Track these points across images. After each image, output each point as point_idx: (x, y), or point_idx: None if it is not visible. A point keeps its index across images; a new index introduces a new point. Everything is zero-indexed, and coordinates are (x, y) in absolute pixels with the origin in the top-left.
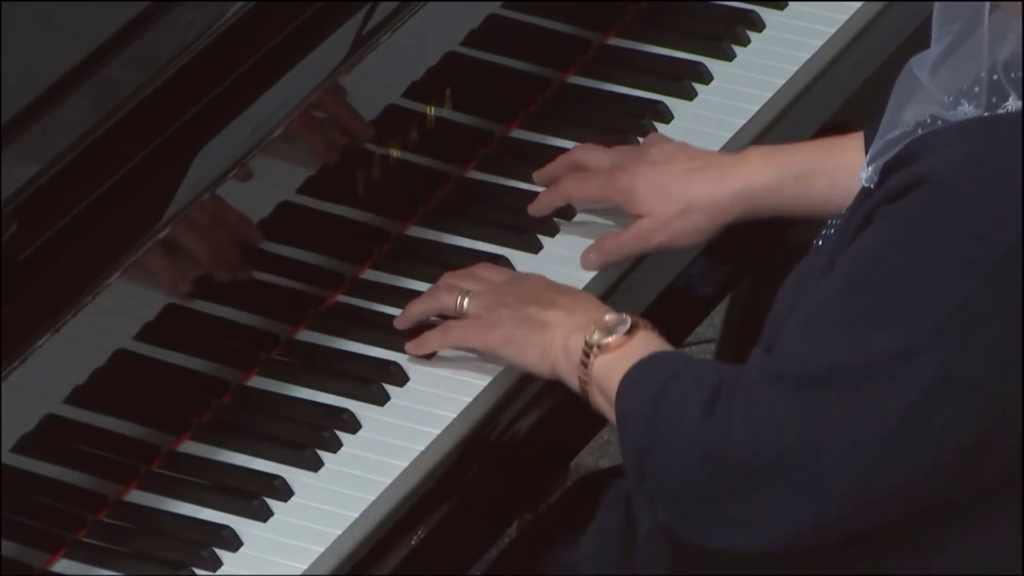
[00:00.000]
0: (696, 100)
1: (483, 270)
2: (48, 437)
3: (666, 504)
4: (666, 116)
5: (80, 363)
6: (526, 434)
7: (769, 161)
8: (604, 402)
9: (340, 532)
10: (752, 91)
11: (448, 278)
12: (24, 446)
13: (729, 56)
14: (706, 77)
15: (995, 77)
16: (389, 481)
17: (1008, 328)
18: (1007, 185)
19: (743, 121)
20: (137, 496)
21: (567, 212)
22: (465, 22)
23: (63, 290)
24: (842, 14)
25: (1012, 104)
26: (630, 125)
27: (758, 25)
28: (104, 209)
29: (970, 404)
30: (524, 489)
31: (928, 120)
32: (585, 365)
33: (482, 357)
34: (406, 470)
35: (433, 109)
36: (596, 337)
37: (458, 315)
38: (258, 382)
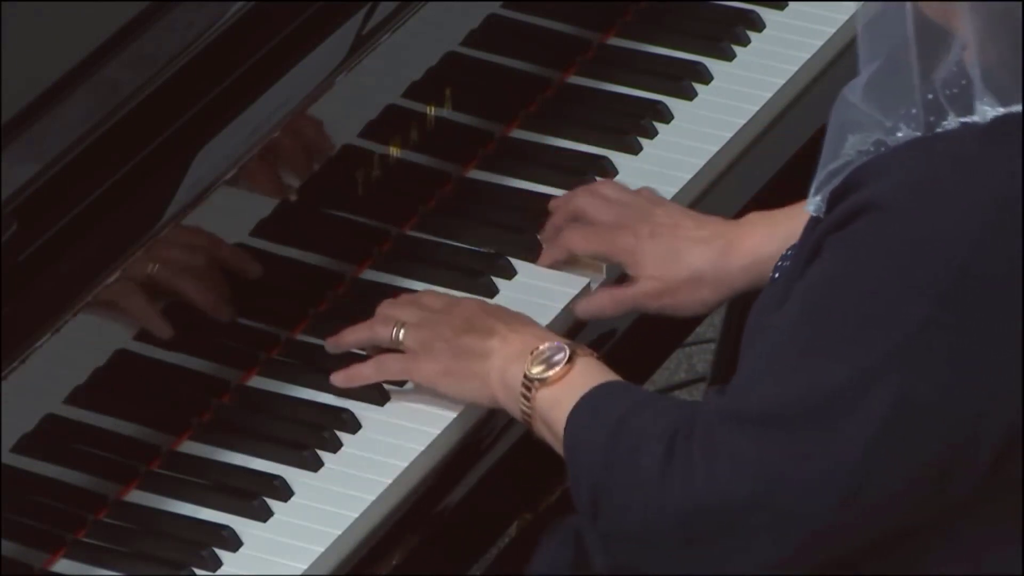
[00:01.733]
0: (696, 100)
1: (421, 297)
2: (48, 437)
3: (624, 545)
4: (666, 116)
5: (80, 363)
6: (525, 434)
7: (772, 230)
8: (550, 435)
9: (340, 532)
10: (752, 91)
11: (385, 308)
12: (24, 446)
13: (729, 56)
14: (706, 77)
15: (930, 96)
16: (389, 481)
17: (963, 347)
18: (951, 205)
19: (743, 121)
20: (137, 496)
21: None
22: (465, 22)
23: (63, 290)
24: (842, 14)
25: (951, 122)
26: (630, 125)
27: (758, 25)
28: (104, 209)
29: (930, 427)
30: (524, 488)
31: (871, 148)
32: (527, 399)
33: None
34: (406, 470)
35: (433, 109)
36: (535, 370)
37: (394, 347)
38: (258, 382)
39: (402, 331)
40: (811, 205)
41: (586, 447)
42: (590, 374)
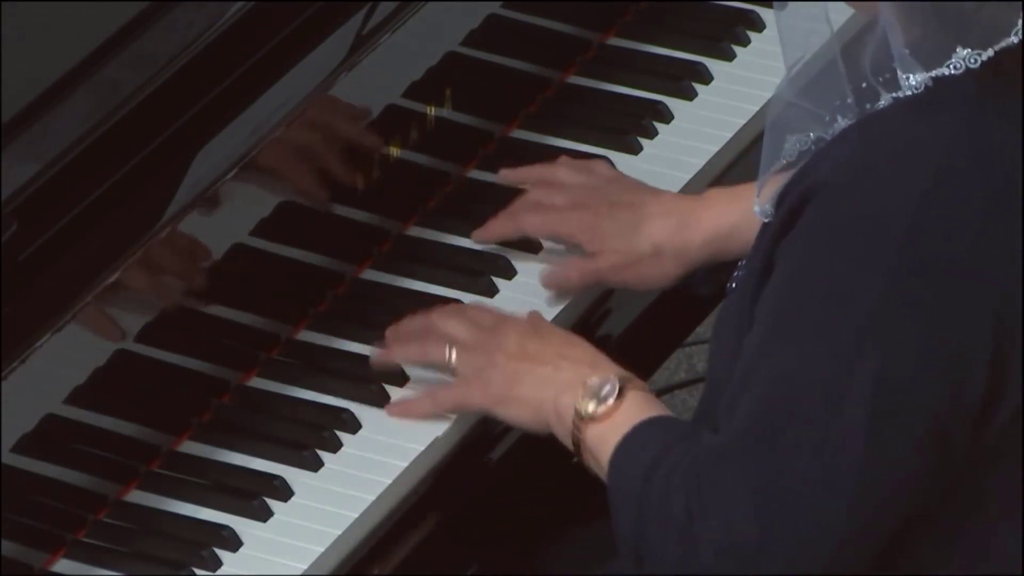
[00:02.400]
0: (696, 100)
1: (469, 311)
2: (48, 437)
3: None
4: (666, 116)
5: (80, 363)
6: (525, 434)
7: (735, 206)
8: (599, 470)
9: (340, 532)
10: (752, 91)
11: (436, 321)
12: (24, 446)
13: (729, 56)
14: (706, 77)
15: (864, 85)
16: (389, 481)
17: (923, 314)
18: (888, 178)
19: (743, 121)
20: (137, 496)
21: None
22: (465, 22)
23: (63, 290)
24: (842, 15)
25: (884, 100)
26: (630, 125)
27: (758, 25)
28: (104, 209)
29: (915, 399)
30: (524, 488)
31: (812, 147)
32: (578, 432)
33: None
34: (406, 470)
35: (433, 109)
36: (586, 407)
37: (445, 368)
38: (258, 382)
39: (455, 355)
40: (757, 208)
41: (624, 495)
42: (638, 410)
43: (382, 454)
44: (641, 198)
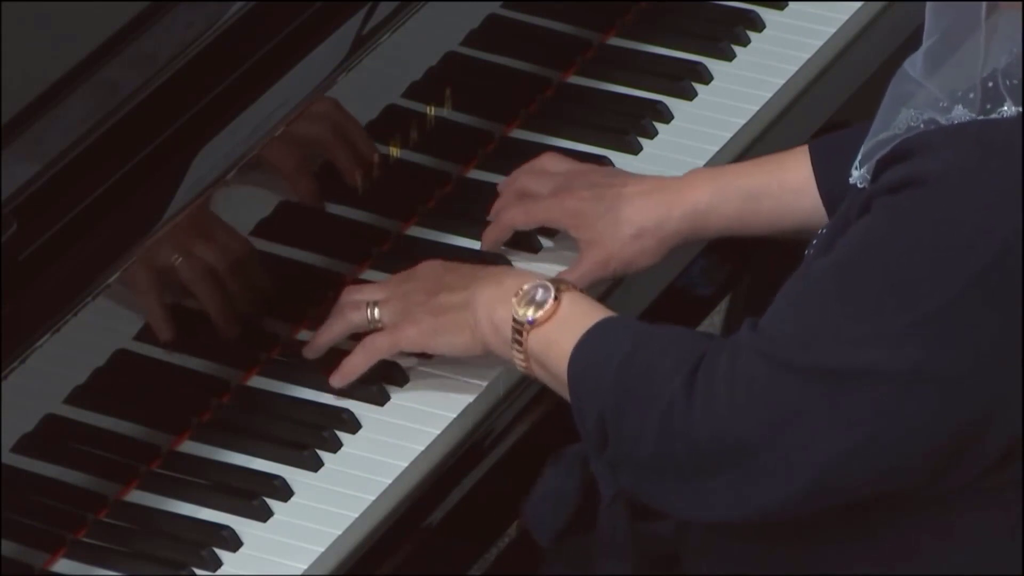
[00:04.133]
0: (696, 100)
1: (378, 280)
2: (48, 437)
3: (630, 471)
4: (666, 116)
5: (80, 363)
6: (525, 434)
7: (714, 183)
8: (546, 375)
9: (340, 532)
10: (752, 91)
11: (347, 295)
12: (24, 446)
13: (729, 56)
14: (706, 77)
15: (991, 84)
16: (389, 481)
17: (988, 332)
18: (997, 192)
19: (743, 121)
20: (137, 496)
21: None
22: (465, 22)
23: (63, 290)
24: (842, 14)
25: (1007, 109)
26: (630, 125)
27: (758, 25)
28: (104, 209)
29: (943, 402)
30: (524, 488)
31: (922, 125)
32: (519, 342)
33: (480, 359)
34: (406, 470)
35: (433, 109)
36: (524, 313)
37: (372, 328)
38: (258, 382)
39: (375, 310)
40: (855, 175)
41: (593, 377)
42: (579, 309)
43: (382, 454)
44: (622, 180)
